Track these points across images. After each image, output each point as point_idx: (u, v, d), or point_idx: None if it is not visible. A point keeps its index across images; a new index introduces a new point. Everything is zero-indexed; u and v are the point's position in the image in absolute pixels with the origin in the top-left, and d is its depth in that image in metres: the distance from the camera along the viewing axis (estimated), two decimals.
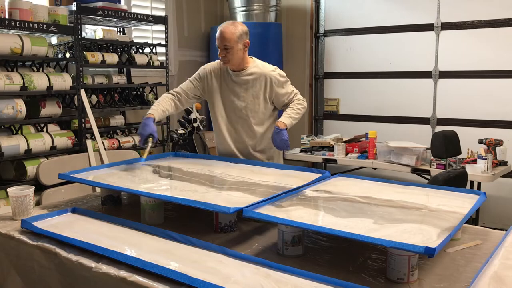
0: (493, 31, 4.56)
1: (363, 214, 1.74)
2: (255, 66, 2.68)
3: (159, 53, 4.59)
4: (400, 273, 1.43)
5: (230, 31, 2.54)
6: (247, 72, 2.66)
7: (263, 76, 2.65)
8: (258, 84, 2.65)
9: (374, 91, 5.29)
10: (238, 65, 2.63)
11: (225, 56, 2.58)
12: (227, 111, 2.72)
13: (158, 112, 2.65)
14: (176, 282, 1.38)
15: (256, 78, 2.65)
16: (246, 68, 2.66)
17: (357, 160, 4.41)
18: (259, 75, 2.65)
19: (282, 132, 2.57)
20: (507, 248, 1.61)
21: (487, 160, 3.76)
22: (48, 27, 3.41)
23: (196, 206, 1.76)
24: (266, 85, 2.66)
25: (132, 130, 4.41)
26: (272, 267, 1.48)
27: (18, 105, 3.22)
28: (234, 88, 2.68)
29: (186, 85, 2.77)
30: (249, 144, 2.72)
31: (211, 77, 2.73)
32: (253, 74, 2.65)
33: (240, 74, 2.66)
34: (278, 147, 2.63)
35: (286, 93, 2.70)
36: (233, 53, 2.56)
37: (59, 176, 2.26)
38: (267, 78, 2.65)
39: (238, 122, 2.71)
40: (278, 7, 5.38)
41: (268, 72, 2.66)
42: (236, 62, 2.61)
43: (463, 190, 2.13)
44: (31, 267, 1.75)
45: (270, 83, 2.65)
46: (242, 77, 2.66)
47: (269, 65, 2.73)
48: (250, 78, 2.65)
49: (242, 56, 2.61)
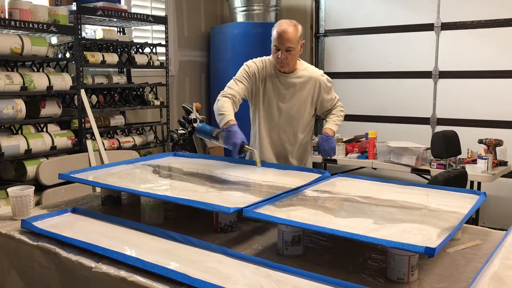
0: (493, 31, 4.56)
1: (363, 214, 1.74)
2: (304, 69, 2.58)
3: (159, 53, 4.59)
4: (400, 273, 1.43)
5: (293, 31, 2.40)
6: (297, 75, 2.55)
7: (312, 80, 2.56)
8: (307, 88, 2.56)
9: (374, 91, 5.29)
10: (293, 66, 2.51)
11: (286, 58, 2.42)
12: (270, 115, 2.59)
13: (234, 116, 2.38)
14: (176, 282, 1.38)
15: (305, 81, 2.55)
16: (295, 71, 2.55)
17: (357, 160, 4.41)
18: (309, 78, 2.56)
19: (331, 139, 2.56)
20: (507, 248, 1.61)
21: (487, 160, 3.76)
22: (48, 27, 3.41)
23: (196, 206, 1.76)
24: (314, 90, 2.57)
25: (132, 130, 4.41)
26: (272, 267, 1.48)
27: (18, 105, 3.22)
28: (280, 90, 2.55)
29: (238, 87, 2.49)
30: (289, 150, 2.64)
31: (258, 77, 2.56)
32: (302, 77, 2.55)
33: (289, 76, 2.54)
34: (325, 154, 2.59)
35: (331, 99, 2.65)
36: (294, 55, 2.45)
37: (59, 176, 2.26)
38: (316, 83, 2.56)
39: (281, 127, 2.60)
40: (278, 7, 5.38)
41: (318, 76, 2.57)
42: (293, 64, 2.49)
43: (463, 190, 2.13)
44: (31, 267, 1.75)
45: (318, 88, 2.57)
46: (291, 80, 2.54)
47: (317, 69, 2.66)
48: (299, 81, 2.55)
49: (297, 58, 2.52)
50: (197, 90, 5.57)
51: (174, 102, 5.19)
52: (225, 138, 2.33)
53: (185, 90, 5.40)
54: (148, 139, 4.44)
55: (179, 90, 5.31)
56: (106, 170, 2.43)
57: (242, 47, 5.10)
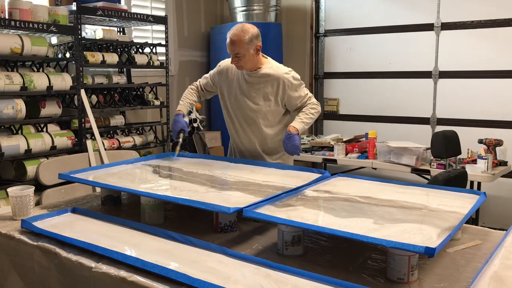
0: (493, 31, 4.56)
1: (363, 214, 1.74)
2: (269, 67, 2.63)
3: (159, 53, 4.59)
4: (400, 273, 1.43)
5: (240, 38, 2.47)
6: (260, 73, 2.61)
7: (276, 79, 2.60)
8: (270, 86, 2.61)
9: (374, 91, 5.29)
10: (251, 68, 2.60)
11: (237, 62, 2.54)
12: (237, 110, 2.70)
13: (186, 106, 2.78)
14: (176, 282, 1.38)
15: (269, 80, 2.61)
16: (259, 69, 2.62)
17: (357, 160, 4.41)
18: (272, 77, 2.61)
19: (293, 137, 2.55)
20: (507, 248, 1.61)
21: (487, 160, 3.76)
22: (48, 27, 3.41)
23: (196, 206, 1.76)
24: (278, 88, 2.61)
25: (132, 130, 4.41)
26: (272, 267, 1.48)
27: (18, 105, 3.22)
28: (246, 87, 2.65)
29: (204, 81, 2.84)
30: (258, 145, 2.71)
31: (226, 75, 2.72)
32: (266, 76, 2.61)
33: (253, 74, 2.62)
34: (289, 152, 2.62)
35: (299, 96, 2.66)
36: (246, 60, 2.53)
37: (59, 176, 2.26)
38: (280, 81, 2.60)
39: (247, 122, 2.69)
40: (278, 7, 5.38)
41: (282, 75, 2.61)
42: (249, 66, 2.58)
43: (463, 190, 2.13)
44: (31, 267, 1.75)
45: (283, 86, 2.61)
46: (255, 77, 2.62)
47: (283, 67, 2.69)
48: (263, 79, 2.61)
49: (255, 59, 2.57)
50: None
51: (174, 102, 5.19)
52: (171, 124, 2.78)
53: (185, 90, 5.39)
54: (148, 139, 4.44)
55: (179, 90, 5.30)
56: (106, 170, 2.43)
57: None
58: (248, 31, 2.50)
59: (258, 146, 2.71)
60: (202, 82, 2.86)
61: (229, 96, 2.71)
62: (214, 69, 2.80)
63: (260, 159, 2.70)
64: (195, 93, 2.85)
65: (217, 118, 5.35)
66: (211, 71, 2.84)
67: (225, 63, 2.75)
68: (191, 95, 2.84)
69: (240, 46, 2.48)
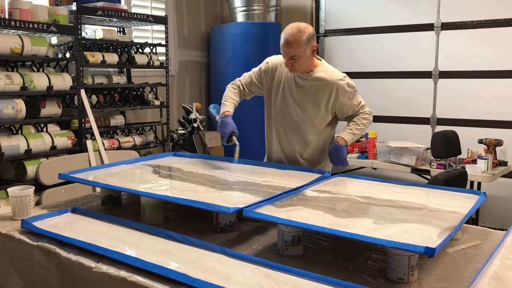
0: (493, 31, 4.56)
1: (363, 214, 1.74)
2: (323, 71, 2.44)
3: (159, 53, 4.59)
4: (400, 273, 1.43)
5: (297, 39, 2.29)
6: (313, 77, 2.43)
7: (329, 84, 2.41)
8: (322, 91, 2.42)
9: (374, 91, 5.29)
10: (305, 70, 2.43)
11: (292, 65, 2.36)
12: (281, 114, 2.53)
13: (232, 106, 2.53)
14: (176, 282, 1.38)
15: (321, 85, 2.42)
16: (312, 72, 2.43)
17: (357, 160, 4.41)
18: (326, 82, 2.42)
19: (342, 149, 2.44)
20: (507, 248, 1.61)
21: (487, 160, 3.76)
22: (48, 27, 3.41)
23: (196, 206, 1.76)
24: (331, 94, 2.42)
25: (132, 130, 4.41)
26: (272, 267, 1.48)
27: (18, 105, 3.22)
28: (295, 91, 2.47)
29: (245, 80, 2.62)
30: (298, 152, 2.55)
31: (273, 74, 2.52)
32: (319, 80, 2.42)
33: (305, 77, 2.44)
34: (335, 164, 2.51)
35: (351, 105, 2.48)
36: (302, 62, 2.35)
37: (59, 176, 2.26)
38: (334, 87, 2.41)
39: (291, 128, 2.52)
40: (278, 7, 5.38)
41: (336, 81, 2.42)
42: (304, 69, 2.40)
43: (463, 190, 2.13)
44: (31, 267, 1.75)
45: (336, 93, 2.42)
46: (306, 81, 2.44)
47: (338, 71, 2.49)
48: (315, 83, 2.43)
49: (310, 61, 2.40)
50: (197, 90, 5.56)
51: (174, 102, 5.19)
52: (219, 126, 2.50)
53: (185, 90, 5.40)
54: (148, 139, 4.44)
55: (179, 90, 5.31)
56: (106, 170, 2.43)
57: (242, 47, 5.10)
58: (305, 30, 2.32)
59: (298, 154, 2.55)
60: (243, 81, 2.62)
61: (275, 97, 2.53)
62: (260, 67, 2.57)
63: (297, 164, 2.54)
64: (237, 93, 2.59)
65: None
66: (254, 68, 2.61)
67: (274, 60, 2.55)
68: (235, 95, 2.57)
69: (297, 48, 2.30)
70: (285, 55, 2.37)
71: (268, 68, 2.55)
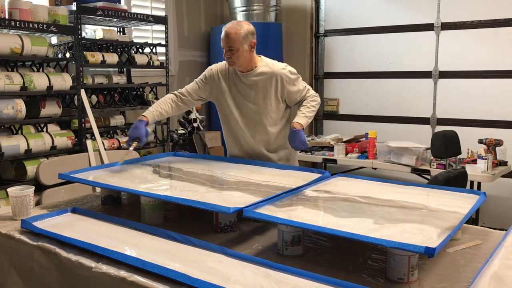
0: (493, 31, 4.56)
1: (363, 214, 1.74)
2: (264, 65, 2.58)
3: (159, 53, 4.59)
4: (400, 273, 1.43)
5: (235, 31, 2.44)
6: (256, 73, 2.56)
7: (273, 76, 2.56)
8: (269, 84, 2.56)
9: (374, 91, 5.29)
10: (245, 66, 2.54)
11: (230, 57, 2.49)
12: (238, 113, 2.63)
13: (153, 114, 2.60)
14: (176, 282, 1.38)
15: (266, 78, 2.56)
16: (254, 69, 2.57)
17: (357, 160, 4.41)
18: (269, 74, 2.56)
19: (299, 133, 2.52)
20: (507, 248, 1.61)
21: (487, 160, 3.76)
22: (48, 27, 3.41)
23: (196, 206, 1.76)
24: (277, 85, 2.56)
25: None
26: (272, 267, 1.48)
27: (18, 105, 3.22)
28: (243, 89, 2.59)
29: (191, 87, 2.69)
30: (263, 144, 2.64)
31: (218, 79, 2.63)
32: (263, 74, 2.56)
33: (249, 75, 2.56)
34: (296, 148, 2.59)
35: (298, 90, 2.61)
36: (239, 55, 2.47)
37: (59, 176, 2.26)
38: (278, 77, 2.55)
39: (251, 124, 2.62)
40: (278, 7, 5.38)
41: (278, 71, 2.57)
42: (242, 63, 2.52)
43: (463, 190, 2.13)
44: (31, 267, 1.75)
45: (281, 82, 2.56)
46: (251, 78, 2.56)
47: (278, 62, 2.64)
48: (260, 78, 2.56)
49: (248, 57, 2.52)
50: None
51: None
52: (130, 129, 2.57)
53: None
54: (148, 139, 4.43)
55: None
56: (106, 170, 2.42)
57: None
58: (243, 25, 2.49)
59: (263, 147, 2.65)
60: (189, 88, 2.69)
61: (226, 99, 2.63)
62: (205, 74, 2.69)
63: (264, 159, 2.64)
64: (172, 103, 2.66)
65: (217, 118, 5.33)
66: (200, 76, 2.71)
67: (217, 66, 2.67)
68: (166, 104, 2.65)
69: (234, 40, 2.44)
70: (223, 47, 2.50)
71: (213, 73, 2.66)
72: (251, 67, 2.56)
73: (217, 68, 2.66)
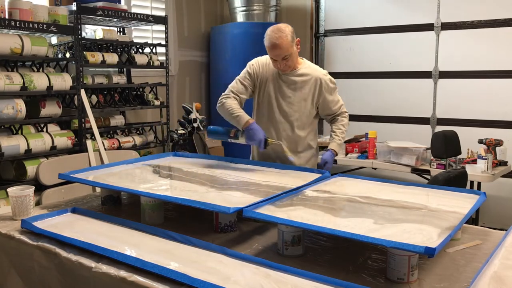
0: (493, 31, 4.56)
1: (363, 214, 1.74)
2: (306, 67, 2.58)
3: (159, 53, 4.59)
4: (400, 273, 1.43)
5: (283, 40, 2.38)
6: (298, 73, 2.55)
7: (314, 79, 2.55)
8: (308, 86, 2.55)
9: (374, 91, 5.29)
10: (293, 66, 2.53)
11: (285, 65, 2.46)
12: (270, 111, 2.60)
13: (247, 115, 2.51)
14: (176, 282, 1.38)
15: (307, 80, 2.55)
16: (296, 68, 2.55)
17: (357, 160, 4.41)
18: (310, 77, 2.55)
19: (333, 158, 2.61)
20: (507, 248, 1.61)
21: (487, 160, 3.75)
22: (48, 27, 3.41)
23: (196, 206, 1.76)
24: (315, 89, 2.55)
25: (132, 130, 4.41)
26: (272, 267, 1.48)
27: (18, 105, 3.22)
28: (282, 87, 2.57)
29: (238, 88, 2.59)
30: (287, 147, 2.59)
31: (260, 75, 2.60)
32: (304, 76, 2.55)
33: (291, 74, 2.55)
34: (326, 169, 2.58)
35: (333, 100, 2.62)
36: (292, 58, 2.46)
37: (59, 176, 2.26)
38: (318, 81, 2.55)
39: (280, 123, 2.60)
40: (278, 7, 5.38)
41: (320, 75, 2.56)
42: (294, 64, 2.52)
43: (463, 190, 2.13)
44: (31, 267, 1.75)
45: (319, 87, 2.55)
46: (292, 77, 2.55)
47: (320, 68, 2.64)
48: (301, 79, 2.55)
49: (297, 56, 2.52)
50: (197, 90, 5.56)
51: (174, 102, 5.19)
52: (249, 137, 2.45)
53: (185, 90, 5.40)
54: (148, 139, 4.44)
55: (179, 90, 5.31)
56: (106, 170, 2.43)
57: (242, 47, 5.10)
58: (284, 30, 2.42)
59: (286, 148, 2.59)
60: (235, 90, 2.58)
61: (263, 96, 2.60)
62: (247, 70, 2.62)
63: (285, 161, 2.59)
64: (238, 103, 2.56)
65: (217, 118, 5.35)
66: (240, 76, 2.63)
67: (258, 61, 2.62)
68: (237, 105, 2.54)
69: (287, 48, 2.40)
70: (276, 58, 2.45)
71: (255, 69, 2.62)
72: (296, 66, 2.55)
73: (258, 64, 2.61)
